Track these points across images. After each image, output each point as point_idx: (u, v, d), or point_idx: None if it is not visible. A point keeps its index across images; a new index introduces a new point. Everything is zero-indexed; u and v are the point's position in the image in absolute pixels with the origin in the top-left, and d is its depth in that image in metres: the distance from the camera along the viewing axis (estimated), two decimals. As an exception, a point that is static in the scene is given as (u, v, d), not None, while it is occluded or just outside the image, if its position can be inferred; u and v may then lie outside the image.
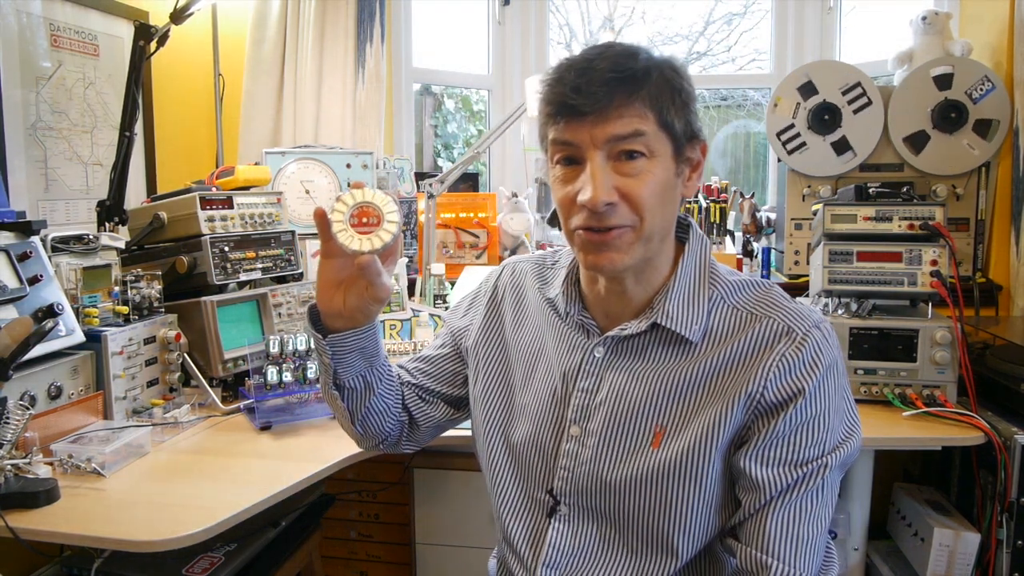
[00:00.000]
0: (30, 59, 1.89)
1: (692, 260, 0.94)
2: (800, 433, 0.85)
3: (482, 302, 1.11)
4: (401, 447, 1.15)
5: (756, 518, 0.85)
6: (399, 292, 2.05)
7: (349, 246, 0.86)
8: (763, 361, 0.86)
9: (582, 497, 0.93)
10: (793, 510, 0.84)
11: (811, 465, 0.85)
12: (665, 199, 0.87)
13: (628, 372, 0.92)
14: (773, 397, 0.85)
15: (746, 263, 2.40)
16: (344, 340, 0.96)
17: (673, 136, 0.87)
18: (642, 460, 0.89)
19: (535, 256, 1.11)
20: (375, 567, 2.05)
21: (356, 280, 0.91)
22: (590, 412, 0.93)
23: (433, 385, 1.13)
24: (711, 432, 0.87)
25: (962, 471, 1.74)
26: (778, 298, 0.91)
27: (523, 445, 0.98)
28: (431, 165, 3.13)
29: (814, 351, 0.86)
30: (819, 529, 0.86)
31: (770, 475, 0.85)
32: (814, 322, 0.88)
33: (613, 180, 0.85)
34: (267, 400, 1.56)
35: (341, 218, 0.87)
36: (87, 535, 1.11)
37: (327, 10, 2.38)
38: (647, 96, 0.84)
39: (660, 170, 0.86)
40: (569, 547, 0.95)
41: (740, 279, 0.94)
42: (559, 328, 1.00)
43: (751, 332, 0.88)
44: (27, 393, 1.31)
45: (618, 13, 3.13)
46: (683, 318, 0.90)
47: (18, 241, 1.43)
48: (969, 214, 2.08)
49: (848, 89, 2.08)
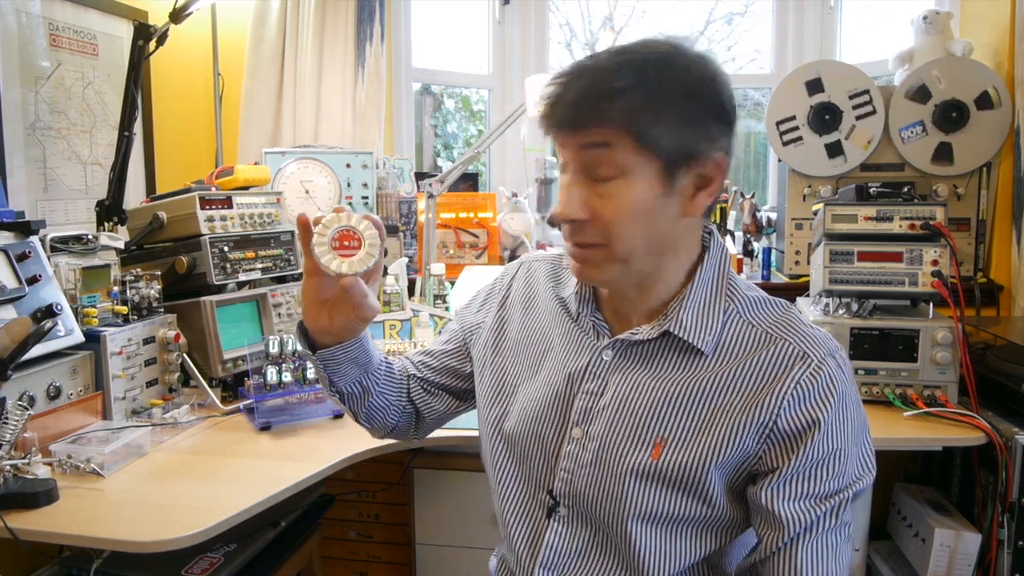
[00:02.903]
0: (29, 59, 1.89)
1: (711, 270, 0.92)
2: (822, 467, 0.84)
3: (495, 300, 1.11)
4: (410, 436, 1.17)
5: (782, 555, 0.84)
6: (399, 292, 2.05)
7: (331, 268, 0.87)
8: (777, 387, 0.85)
9: (579, 500, 0.93)
10: (820, 547, 0.84)
11: (834, 499, 0.84)
12: (646, 221, 0.84)
13: (634, 378, 0.91)
14: (787, 426, 0.84)
15: (746, 263, 2.39)
16: (333, 355, 0.97)
17: (661, 156, 0.82)
18: (639, 469, 0.88)
19: (552, 255, 1.09)
20: (375, 567, 2.04)
21: (342, 300, 0.92)
22: (593, 415, 0.93)
23: (437, 378, 1.13)
24: (715, 450, 0.85)
25: (963, 471, 1.74)
26: (795, 321, 0.90)
27: (523, 442, 0.98)
28: (431, 165, 3.13)
29: (828, 380, 0.85)
30: (844, 564, 0.85)
31: (795, 510, 0.83)
32: (829, 350, 0.86)
33: (586, 197, 0.84)
34: (267, 400, 1.56)
35: (324, 241, 0.88)
36: (86, 535, 1.11)
37: (327, 10, 2.37)
38: (620, 118, 0.80)
39: (636, 192, 0.82)
40: (565, 549, 0.94)
41: (759, 296, 0.93)
42: (568, 328, 0.99)
43: (766, 353, 0.87)
44: (26, 393, 1.31)
45: (618, 13, 3.13)
46: (696, 328, 0.88)
47: (17, 241, 1.43)
48: (970, 214, 2.08)
49: (856, 94, 2.08)
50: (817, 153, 2.12)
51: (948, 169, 2.05)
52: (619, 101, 0.80)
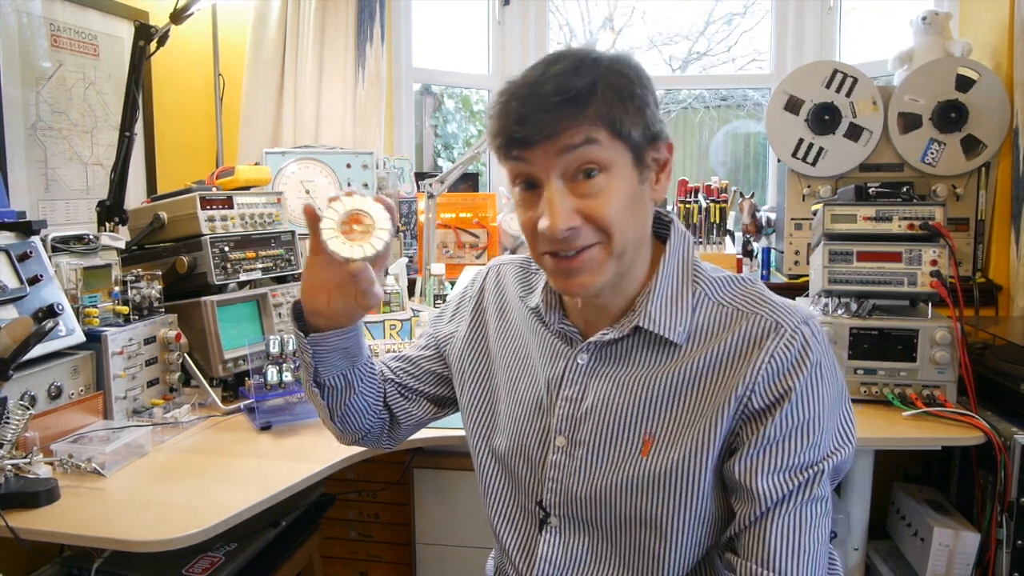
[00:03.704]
0: (30, 59, 1.89)
1: (675, 259, 0.91)
2: (794, 438, 0.82)
3: (467, 308, 1.09)
4: (381, 443, 1.13)
5: (754, 530, 0.82)
6: (399, 292, 2.05)
7: (340, 253, 0.84)
8: (752, 361, 0.83)
9: (571, 508, 0.91)
10: (793, 520, 0.81)
11: (809, 471, 0.82)
12: (633, 211, 0.84)
13: (613, 379, 0.90)
14: (761, 400, 0.82)
15: (746, 263, 2.40)
16: (326, 340, 0.94)
17: (631, 145, 0.82)
18: (631, 470, 0.87)
19: (520, 259, 1.07)
20: (375, 567, 2.05)
21: (344, 284, 0.89)
22: (576, 422, 0.91)
23: (416, 384, 1.11)
24: (704, 441, 0.84)
25: (962, 471, 1.74)
26: (764, 293, 0.88)
27: (509, 455, 0.97)
28: (431, 165, 3.13)
29: (802, 347, 0.83)
30: (821, 539, 0.83)
31: (767, 484, 0.81)
32: (802, 318, 0.85)
33: (573, 203, 0.81)
34: (267, 400, 1.57)
35: (332, 224, 0.84)
36: (87, 535, 1.11)
37: (327, 10, 2.38)
38: (595, 113, 0.80)
39: (621, 183, 0.82)
40: (561, 560, 0.93)
41: (723, 275, 0.91)
42: (543, 335, 0.97)
43: (738, 330, 0.85)
44: (27, 393, 1.31)
45: (618, 13, 3.13)
46: (666, 320, 0.87)
47: (18, 241, 1.44)
48: (969, 214, 2.08)
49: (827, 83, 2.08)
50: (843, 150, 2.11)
51: (948, 169, 2.05)
52: (591, 96, 0.79)
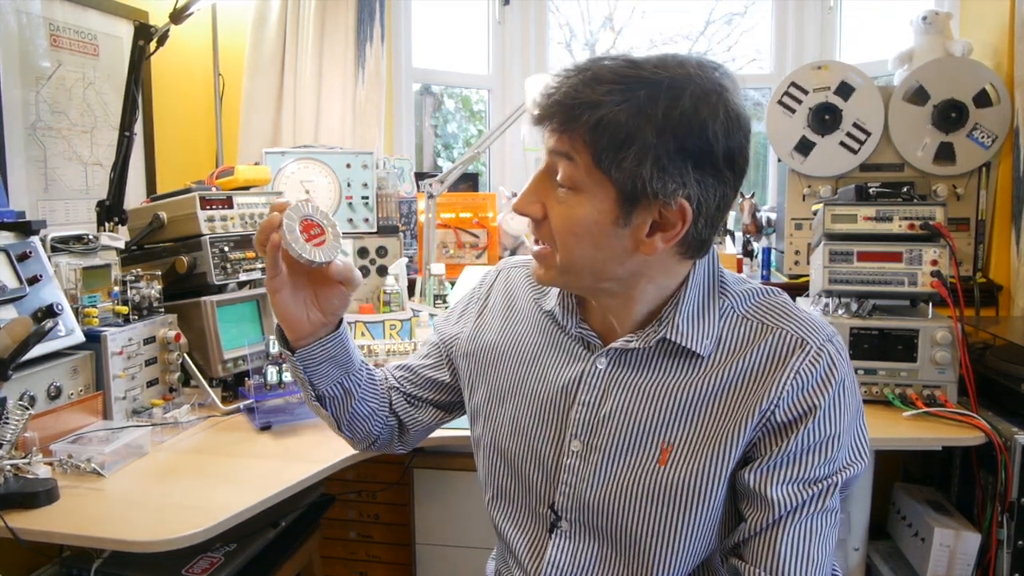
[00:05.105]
0: (30, 59, 1.89)
1: (702, 272, 0.90)
2: (814, 452, 0.83)
3: (474, 309, 1.09)
4: (394, 448, 1.15)
5: (764, 537, 0.83)
6: (399, 292, 2.05)
7: (315, 259, 0.88)
8: (777, 376, 0.83)
9: (583, 514, 0.91)
10: (804, 530, 0.82)
11: (822, 484, 0.83)
12: (594, 243, 0.82)
13: (634, 386, 0.89)
14: (785, 415, 0.83)
15: (746, 263, 2.40)
16: (312, 353, 0.97)
17: (616, 184, 0.79)
18: (647, 478, 0.87)
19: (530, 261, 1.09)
20: (375, 567, 2.04)
21: (322, 286, 0.94)
22: (593, 427, 0.91)
23: (420, 392, 1.11)
24: (723, 452, 0.84)
25: (962, 471, 1.74)
26: (788, 306, 0.89)
27: (519, 457, 0.96)
28: (431, 165, 3.13)
29: (828, 366, 0.83)
30: (828, 550, 0.84)
31: (781, 493, 0.82)
32: (827, 336, 0.85)
33: (544, 197, 0.85)
34: (267, 400, 1.56)
35: (296, 236, 0.88)
36: (87, 535, 1.11)
37: (327, 10, 2.38)
38: (583, 135, 0.78)
39: (587, 210, 0.81)
40: (568, 565, 0.92)
41: (748, 287, 0.91)
42: (557, 338, 0.97)
43: (763, 344, 0.85)
44: (27, 393, 1.31)
45: (618, 13, 3.13)
46: (693, 332, 0.87)
47: (18, 241, 1.43)
48: (969, 214, 2.08)
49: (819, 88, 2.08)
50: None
51: (949, 169, 2.05)
52: (591, 115, 0.77)
